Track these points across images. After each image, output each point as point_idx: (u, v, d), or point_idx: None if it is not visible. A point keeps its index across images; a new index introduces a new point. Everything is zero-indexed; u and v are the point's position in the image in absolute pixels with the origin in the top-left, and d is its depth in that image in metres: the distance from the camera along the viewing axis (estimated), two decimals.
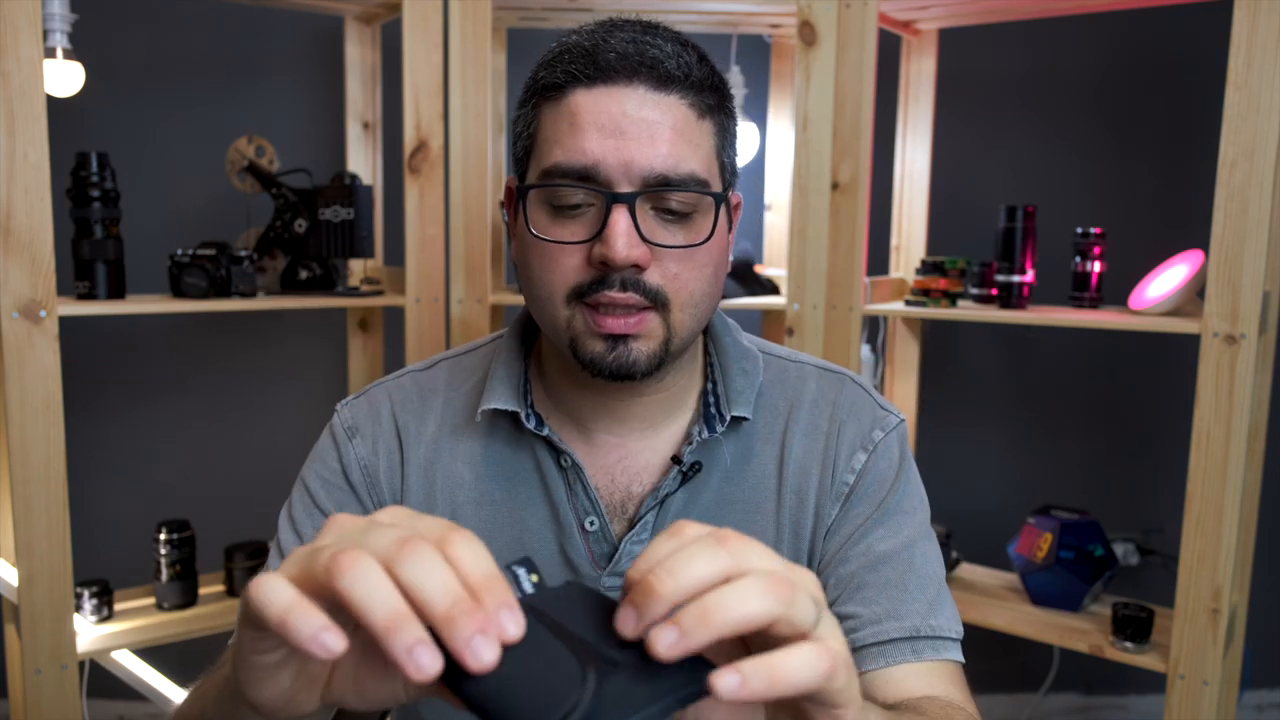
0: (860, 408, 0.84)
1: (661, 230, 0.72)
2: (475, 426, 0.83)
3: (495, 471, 0.82)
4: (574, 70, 0.71)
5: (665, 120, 0.71)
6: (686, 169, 0.71)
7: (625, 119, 0.70)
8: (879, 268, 1.95)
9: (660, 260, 0.72)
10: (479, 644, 0.39)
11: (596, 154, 0.70)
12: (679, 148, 0.71)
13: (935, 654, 0.75)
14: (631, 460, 0.82)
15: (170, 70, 2.05)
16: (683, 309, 0.74)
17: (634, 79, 0.70)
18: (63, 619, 1.43)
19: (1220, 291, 1.40)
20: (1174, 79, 2.11)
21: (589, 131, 0.70)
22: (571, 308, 0.73)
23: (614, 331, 0.72)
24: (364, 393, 0.88)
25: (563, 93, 0.72)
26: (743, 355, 0.85)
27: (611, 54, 0.70)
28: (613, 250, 0.69)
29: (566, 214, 0.72)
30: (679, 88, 0.71)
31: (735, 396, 0.81)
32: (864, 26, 1.64)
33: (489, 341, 0.90)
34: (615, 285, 0.71)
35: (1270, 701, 2.33)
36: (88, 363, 2.05)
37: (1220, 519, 1.42)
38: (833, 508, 0.81)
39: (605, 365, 0.73)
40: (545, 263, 0.73)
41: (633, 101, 0.70)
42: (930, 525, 0.83)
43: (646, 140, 0.70)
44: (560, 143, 0.71)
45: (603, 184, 0.70)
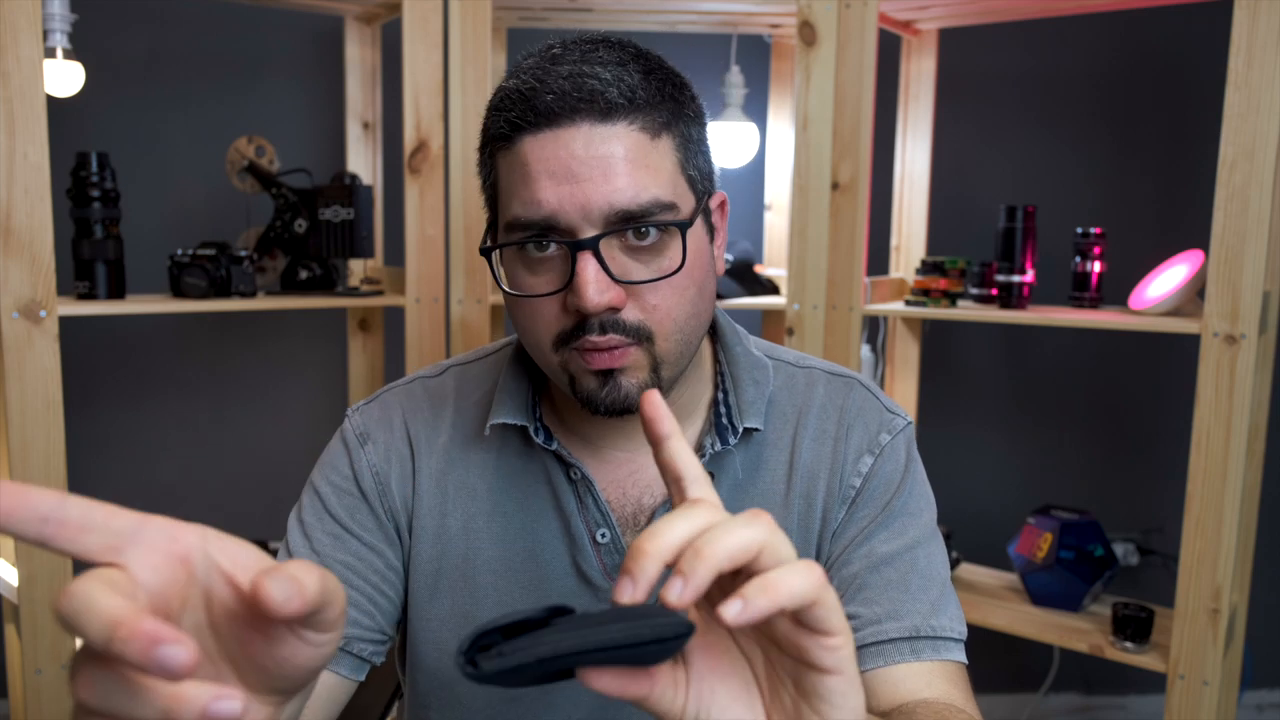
0: (867, 411, 0.84)
1: (632, 264, 0.71)
2: (485, 439, 0.83)
3: (507, 484, 0.82)
4: (515, 118, 0.69)
5: (617, 152, 0.68)
6: (648, 197, 0.69)
7: (574, 160, 0.68)
8: (879, 268, 1.95)
9: (637, 295, 0.71)
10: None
11: (552, 203, 0.68)
12: (636, 177, 0.69)
13: (935, 654, 0.75)
14: (642, 473, 0.82)
15: (170, 70, 2.05)
16: (667, 338, 0.72)
17: (575, 117, 0.68)
18: None
19: (1220, 291, 1.40)
20: (1174, 79, 2.11)
21: (541, 180, 0.68)
22: (561, 353, 0.73)
23: (601, 367, 0.71)
24: (375, 398, 0.88)
25: (510, 142, 0.70)
26: (754, 365, 0.84)
27: (549, 95, 0.68)
28: (583, 299, 0.68)
29: (538, 263, 0.71)
30: (625, 114, 0.69)
31: (747, 407, 0.81)
32: (864, 26, 1.64)
33: (496, 350, 0.89)
34: (595, 329, 0.70)
35: (1270, 701, 2.33)
36: (88, 363, 2.05)
37: (1220, 519, 1.42)
38: (839, 511, 0.81)
39: (600, 403, 0.72)
40: (528, 315, 0.73)
41: (579, 141, 0.68)
42: (936, 526, 0.83)
43: (600, 178, 0.68)
44: (517, 195, 0.70)
45: (564, 231, 0.69)
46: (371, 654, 0.82)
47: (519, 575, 0.81)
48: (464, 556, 0.82)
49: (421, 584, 0.83)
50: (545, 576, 0.80)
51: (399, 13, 1.66)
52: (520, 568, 0.81)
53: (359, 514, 0.82)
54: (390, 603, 0.82)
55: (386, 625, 0.82)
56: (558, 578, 0.80)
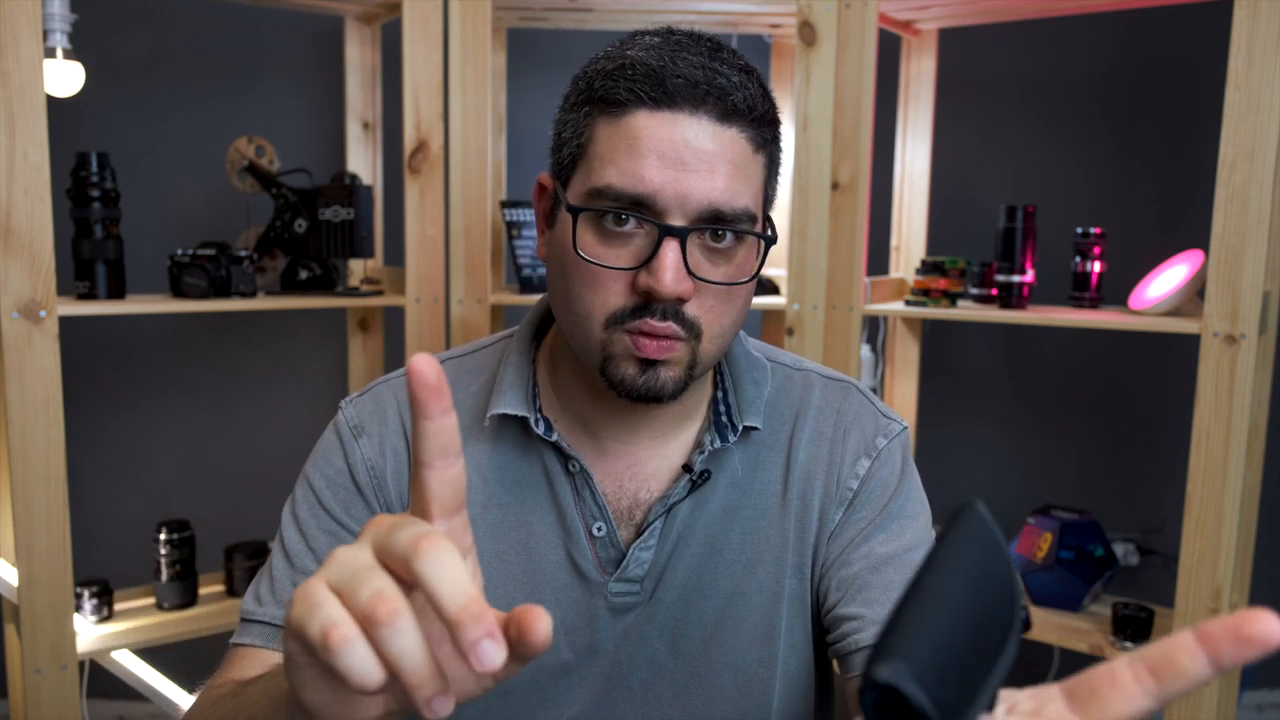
0: (864, 416, 0.85)
1: (706, 264, 0.72)
2: (482, 430, 0.83)
3: (502, 476, 0.82)
4: (638, 90, 0.69)
5: (725, 153, 0.70)
6: (740, 204, 0.71)
7: (686, 149, 0.69)
8: (879, 268, 1.95)
9: (700, 294, 0.72)
10: (437, 703, 0.42)
11: (655, 182, 0.69)
12: (735, 182, 0.70)
13: None
14: (640, 467, 0.82)
15: (170, 70, 2.05)
16: (711, 340, 0.74)
17: (699, 108, 0.69)
18: (63, 619, 1.43)
19: (1220, 291, 1.40)
20: (1174, 79, 2.11)
21: (648, 158, 0.69)
22: (610, 332, 0.73)
23: (650, 356, 0.72)
24: (368, 390, 0.87)
25: (623, 110, 0.70)
26: (753, 365, 0.85)
27: (679, 79, 0.69)
28: (660, 284, 0.69)
29: (614, 236, 0.71)
30: (741, 120, 0.70)
31: (746, 406, 0.82)
32: (864, 26, 1.64)
33: (494, 342, 0.89)
34: (656, 314, 0.71)
35: (1270, 701, 2.33)
36: (88, 363, 2.05)
37: (1220, 519, 1.42)
38: (836, 512, 0.82)
39: (635, 388, 0.73)
40: (589, 284, 0.72)
41: (695, 131, 0.69)
42: (932, 531, 0.84)
43: (705, 173, 0.69)
44: (616, 163, 0.70)
45: (656, 213, 0.70)
46: None
47: (512, 568, 0.81)
48: None
49: None
50: (539, 569, 0.80)
51: (399, 13, 1.66)
52: (514, 560, 0.81)
53: (354, 508, 0.82)
54: None
55: None
56: (551, 571, 0.80)
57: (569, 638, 0.80)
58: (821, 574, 0.82)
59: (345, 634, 0.41)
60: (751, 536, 0.82)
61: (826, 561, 0.81)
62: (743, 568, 0.81)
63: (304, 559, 0.80)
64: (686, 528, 0.81)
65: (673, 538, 0.81)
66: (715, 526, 0.81)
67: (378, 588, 0.42)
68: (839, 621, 0.78)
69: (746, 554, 0.81)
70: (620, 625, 0.80)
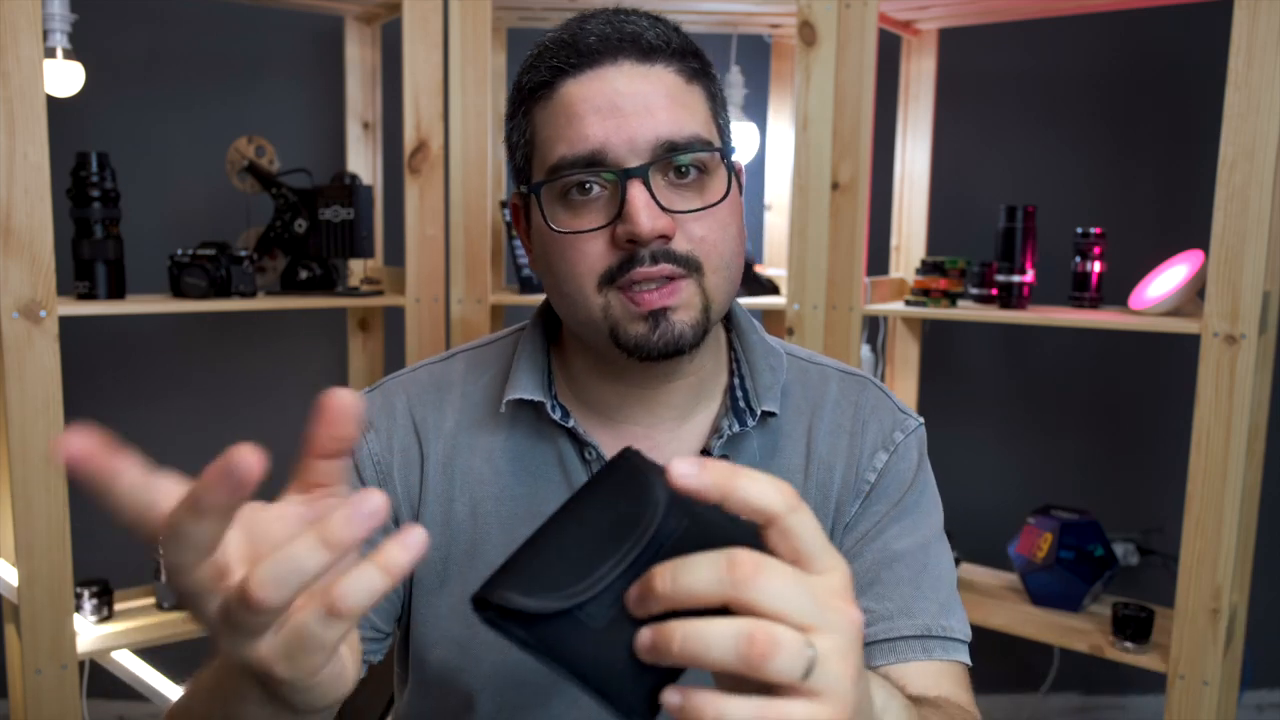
0: (881, 410, 0.85)
1: (677, 197, 0.72)
2: (496, 419, 0.82)
3: (516, 465, 0.82)
4: (557, 63, 0.72)
5: (658, 90, 0.71)
6: (689, 131, 0.72)
7: (619, 96, 0.71)
8: (879, 268, 1.95)
9: (684, 226, 0.72)
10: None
11: (600, 137, 0.70)
12: (676, 113, 0.71)
13: (945, 654, 0.76)
14: (658, 453, 0.81)
15: (170, 70, 2.05)
16: (715, 271, 0.74)
17: (618, 56, 0.71)
18: (63, 619, 1.43)
19: (1220, 291, 1.40)
20: (1174, 79, 2.11)
21: (587, 117, 0.70)
22: (605, 294, 0.73)
23: (653, 306, 0.71)
24: (377, 386, 0.87)
25: (551, 88, 0.72)
26: (768, 352, 0.84)
27: (591, 38, 0.71)
28: (637, 225, 0.69)
29: (581, 204, 0.72)
30: (663, 56, 0.72)
31: (764, 392, 0.81)
32: (864, 26, 1.64)
33: (509, 334, 0.89)
34: (645, 260, 0.71)
35: (1270, 701, 2.33)
36: (88, 363, 2.05)
37: (1220, 519, 1.42)
38: (852, 505, 0.82)
39: (652, 345, 0.72)
40: (570, 255, 0.73)
41: (622, 79, 0.71)
42: (944, 530, 0.84)
43: (644, 112, 0.70)
44: (561, 136, 0.71)
45: (611, 165, 0.71)
46: (370, 652, 0.81)
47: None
48: (471, 542, 0.81)
49: (429, 574, 0.82)
50: None
51: (399, 13, 1.66)
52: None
53: None
54: (390, 599, 0.82)
55: (386, 622, 0.82)
56: None
57: None
58: None
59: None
60: None
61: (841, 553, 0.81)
62: None
63: None
64: None
65: None
66: None
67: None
68: None
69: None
70: None
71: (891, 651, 0.75)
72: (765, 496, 0.43)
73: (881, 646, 0.75)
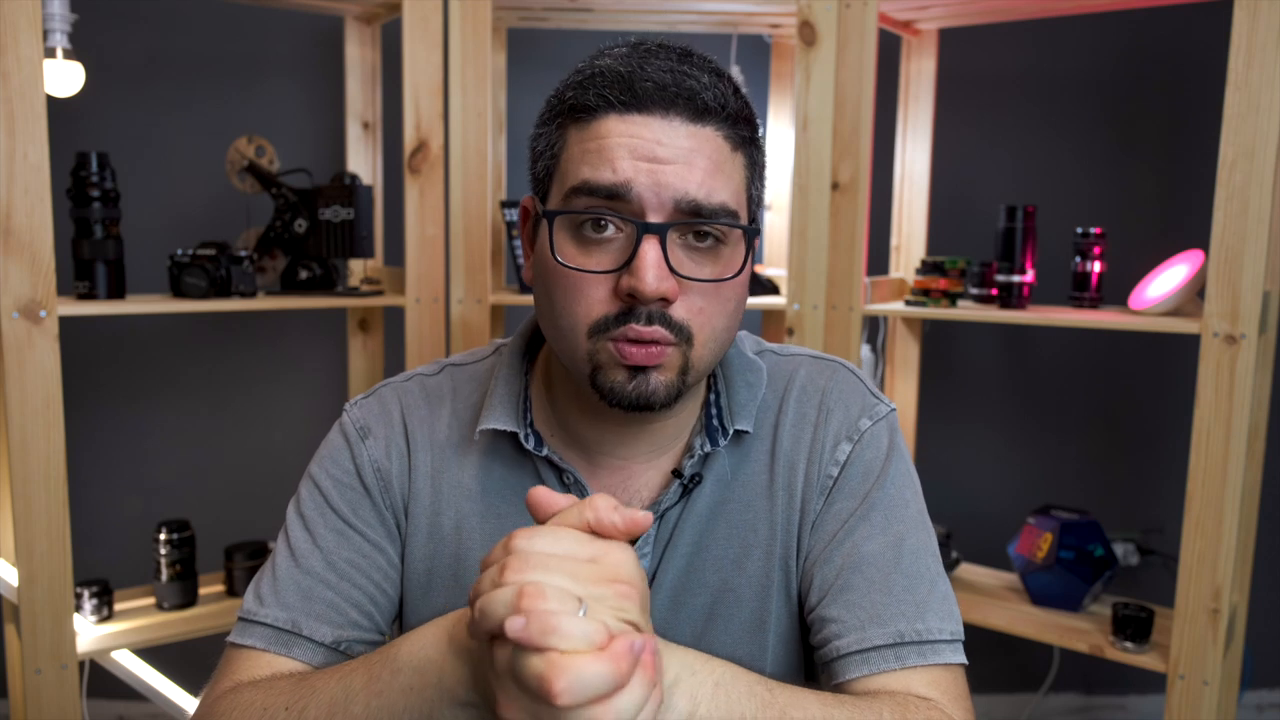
0: (849, 396, 0.83)
1: (689, 262, 0.71)
2: (478, 442, 0.83)
3: (500, 485, 0.82)
4: (608, 95, 0.69)
5: (701, 149, 0.69)
6: (719, 200, 0.70)
7: (659, 146, 0.68)
8: (879, 268, 1.95)
9: (686, 293, 0.71)
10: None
11: (628, 174, 0.68)
12: (712, 178, 0.69)
13: (921, 659, 0.73)
14: (635, 480, 0.82)
15: (170, 70, 2.05)
16: (704, 344, 0.73)
17: (670, 110, 0.69)
18: (63, 619, 1.43)
19: (1220, 291, 1.40)
20: (1174, 79, 2.11)
21: (620, 153, 0.68)
22: (595, 341, 0.71)
23: (637, 362, 0.70)
24: (373, 392, 0.87)
25: (593, 116, 0.70)
26: (747, 367, 0.84)
27: (649, 82, 0.68)
28: (642, 283, 0.68)
29: (593, 242, 0.70)
30: (715, 119, 0.70)
31: (739, 410, 0.81)
32: (864, 26, 1.64)
33: (491, 352, 0.89)
34: (641, 318, 0.70)
35: (1270, 701, 2.33)
36: (88, 363, 2.05)
37: (1220, 519, 1.42)
38: (817, 501, 0.80)
39: (625, 396, 0.72)
40: (570, 293, 0.71)
41: (668, 131, 0.69)
42: (925, 518, 0.81)
43: (682, 167, 0.68)
44: (589, 161, 0.69)
45: (633, 207, 0.69)
46: None
47: None
48: (455, 556, 0.82)
49: (416, 581, 0.83)
50: None
51: (399, 13, 1.66)
52: None
53: (361, 509, 0.82)
54: (390, 601, 0.83)
55: (385, 624, 0.83)
56: None
57: None
58: (804, 568, 0.80)
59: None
60: (738, 531, 0.81)
61: (809, 556, 0.80)
62: (730, 563, 0.80)
63: (310, 558, 0.80)
64: (676, 530, 0.80)
65: (663, 542, 0.80)
66: (701, 525, 0.81)
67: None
68: (820, 623, 0.77)
69: (734, 549, 0.80)
70: None
71: (865, 663, 0.73)
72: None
73: (854, 659, 0.74)
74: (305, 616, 0.78)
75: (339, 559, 0.80)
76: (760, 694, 0.62)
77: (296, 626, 0.78)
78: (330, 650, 0.78)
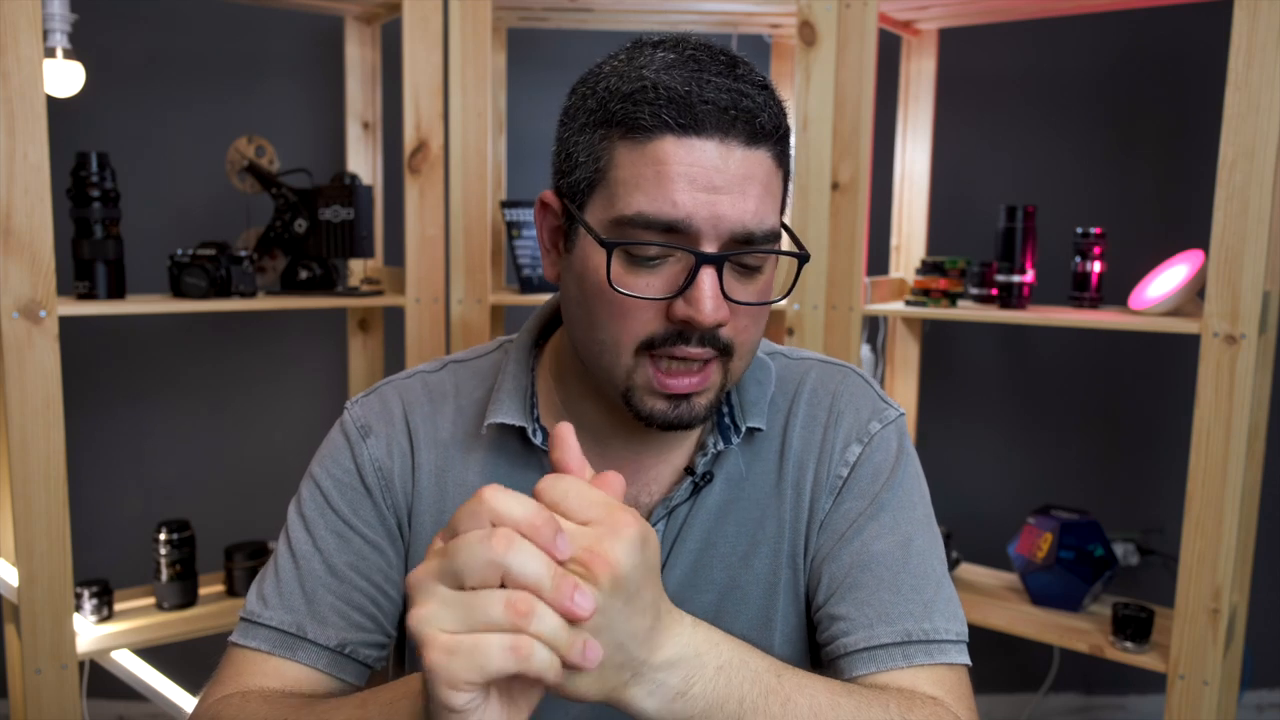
0: (860, 400, 0.84)
1: (738, 286, 0.71)
2: (484, 438, 0.82)
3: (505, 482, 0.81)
4: (665, 116, 0.67)
5: (755, 175, 0.69)
6: (769, 224, 0.70)
7: (717, 174, 0.67)
8: (879, 268, 1.95)
9: (734, 315, 0.72)
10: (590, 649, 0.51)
11: (688, 207, 0.67)
12: (765, 203, 0.70)
13: (928, 658, 0.74)
14: (644, 472, 0.82)
15: (170, 70, 2.05)
16: (742, 358, 0.74)
17: (729, 134, 0.67)
18: (63, 619, 1.43)
19: (1220, 291, 1.40)
20: (1174, 79, 2.11)
21: (679, 183, 0.67)
22: (637, 358, 0.72)
23: (680, 392, 0.71)
24: (374, 390, 0.87)
25: (648, 136, 0.67)
26: (757, 365, 0.84)
27: (707, 105, 0.67)
28: (701, 314, 0.68)
29: (644, 265, 0.70)
30: (768, 141, 0.69)
31: (750, 408, 0.81)
32: (864, 26, 1.64)
33: (496, 348, 0.89)
34: (694, 341, 0.70)
35: (1270, 701, 2.33)
36: (88, 363, 2.05)
37: (1220, 519, 1.42)
38: (826, 501, 0.81)
39: (666, 420, 0.73)
40: (617, 313, 0.71)
41: (724, 156, 0.67)
42: (933, 521, 0.82)
43: (738, 195, 0.68)
44: (644, 190, 0.68)
45: (690, 238, 0.68)
46: (376, 660, 0.81)
47: None
48: None
49: None
50: None
51: (399, 13, 1.66)
52: None
53: (362, 509, 0.82)
54: (392, 602, 0.82)
55: (390, 626, 0.82)
56: None
57: None
58: (812, 566, 0.81)
59: (525, 643, 0.48)
60: (746, 529, 0.81)
61: (818, 554, 0.80)
62: (738, 560, 0.81)
63: (311, 559, 0.80)
64: (685, 526, 0.80)
65: (672, 537, 0.80)
66: (710, 522, 0.81)
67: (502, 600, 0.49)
68: (827, 620, 0.77)
69: (741, 546, 0.81)
70: None
71: (871, 660, 0.74)
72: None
73: (862, 655, 0.74)
74: (309, 619, 0.78)
75: (339, 561, 0.80)
76: (766, 680, 0.62)
77: (301, 630, 0.78)
78: (335, 653, 0.78)
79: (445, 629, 0.49)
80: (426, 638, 0.49)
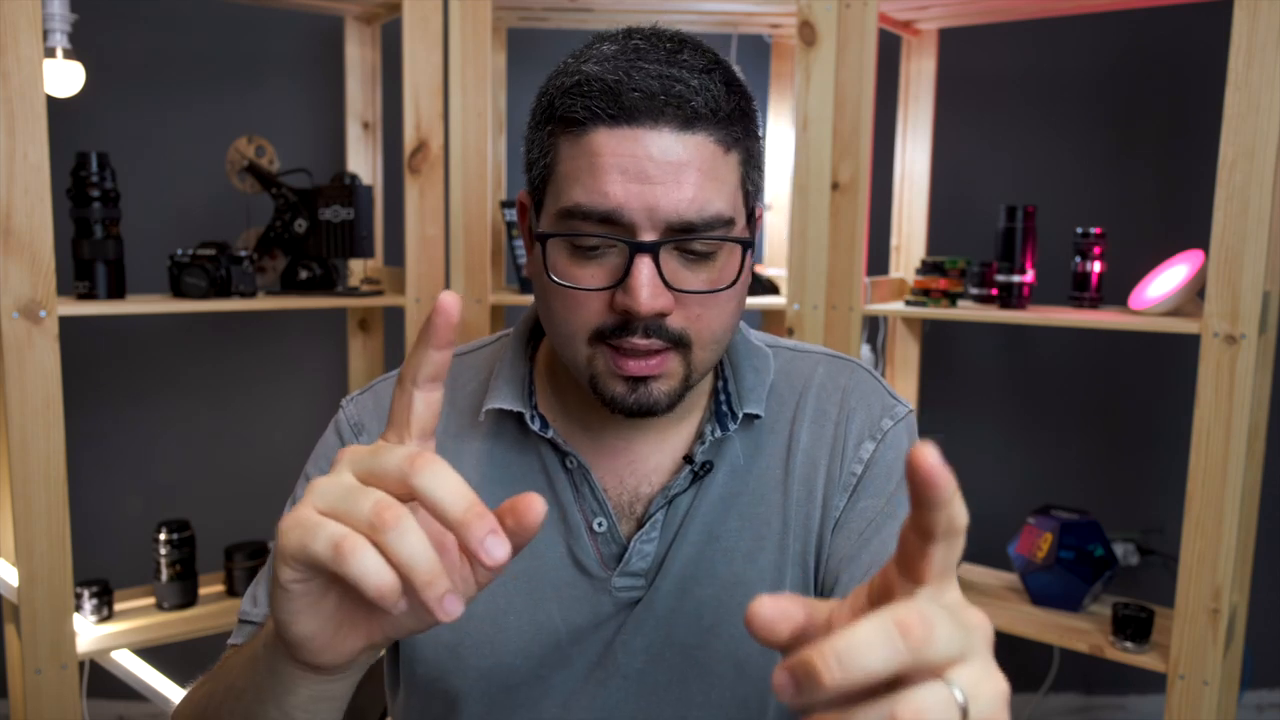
0: (870, 396, 0.84)
1: (685, 273, 0.71)
2: (479, 427, 0.82)
3: (501, 473, 0.82)
4: (595, 108, 0.67)
5: (692, 161, 0.68)
6: (712, 211, 0.69)
7: (650, 163, 0.67)
8: (879, 268, 1.95)
9: (683, 304, 0.71)
10: (449, 601, 0.46)
11: (619, 197, 0.67)
12: (704, 190, 0.68)
13: None
14: (641, 462, 0.82)
15: (170, 70, 2.05)
16: (704, 348, 0.73)
17: (659, 120, 0.67)
18: (63, 619, 1.43)
19: (1220, 291, 1.40)
20: (1174, 79, 2.11)
21: (611, 174, 0.67)
22: (593, 347, 0.72)
23: (635, 374, 0.71)
24: (369, 388, 0.87)
25: (583, 129, 0.68)
26: (753, 353, 0.84)
27: (635, 92, 0.66)
28: (636, 302, 0.68)
29: (586, 255, 0.70)
30: (705, 125, 0.68)
31: (747, 394, 0.81)
32: (864, 26, 1.64)
33: (493, 341, 0.89)
34: (638, 331, 0.70)
35: (1270, 701, 2.33)
36: (88, 363, 2.05)
37: (1220, 519, 1.42)
38: (840, 499, 0.80)
39: (626, 405, 0.73)
40: (567, 304, 0.72)
41: (657, 144, 0.67)
42: None
43: (672, 184, 0.67)
44: (580, 182, 0.68)
45: (625, 228, 0.68)
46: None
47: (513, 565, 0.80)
48: None
49: None
50: (540, 566, 0.80)
51: (399, 13, 1.66)
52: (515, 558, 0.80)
53: None
54: None
55: None
56: (553, 567, 0.80)
57: (572, 632, 0.80)
58: (827, 567, 0.80)
59: (355, 542, 0.45)
60: (750, 523, 0.81)
61: (833, 555, 0.80)
62: (742, 556, 0.80)
63: None
64: (686, 518, 0.80)
65: (673, 529, 0.80)
66: (713, 514, 0.81)
67: (376, 499, 0.46)
68: None
69: (746, 541, 0.81)
70: (622, 617, 0.80)
71: None
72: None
73: None
74: None
75: None
76: None
77: None
78: None
79: (316, 506, 0.47)
80: (299, 504, 0.48)
